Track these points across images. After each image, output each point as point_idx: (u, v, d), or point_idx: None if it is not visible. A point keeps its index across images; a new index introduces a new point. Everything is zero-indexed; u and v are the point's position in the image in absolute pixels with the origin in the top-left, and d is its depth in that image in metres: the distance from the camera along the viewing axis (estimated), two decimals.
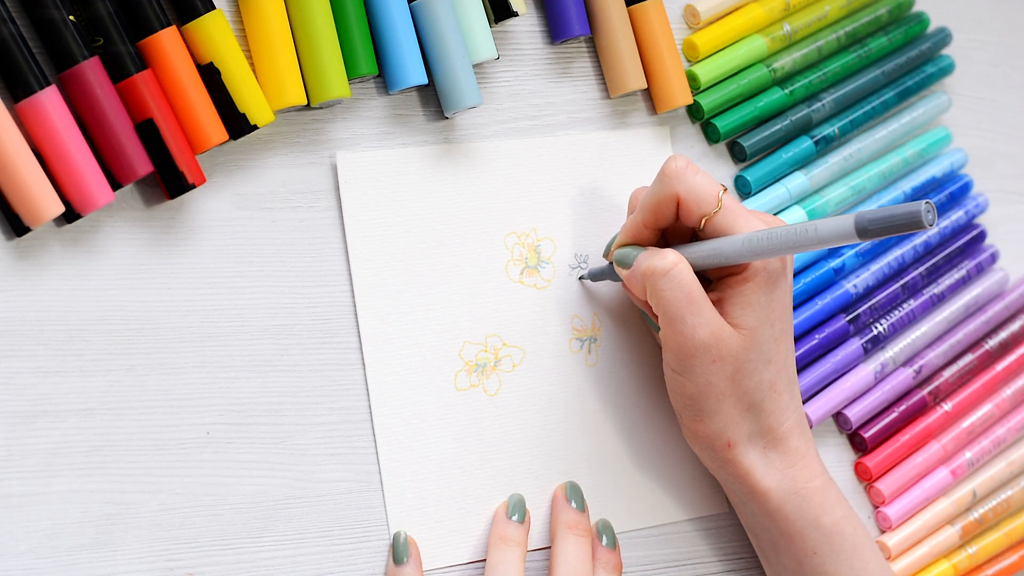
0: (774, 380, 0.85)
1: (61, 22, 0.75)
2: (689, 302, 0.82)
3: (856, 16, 0.99)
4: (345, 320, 0.84)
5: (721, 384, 0.83)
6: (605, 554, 0.87)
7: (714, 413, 0.84)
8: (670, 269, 0.82)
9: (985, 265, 1.02)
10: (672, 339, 0.83)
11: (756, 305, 0.83)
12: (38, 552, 0.75)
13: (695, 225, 0.84)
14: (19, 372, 0.76)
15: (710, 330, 0.82)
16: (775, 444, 0.86)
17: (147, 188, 0.79)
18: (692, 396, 0.84)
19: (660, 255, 0.82)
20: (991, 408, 1.00)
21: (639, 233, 0.85)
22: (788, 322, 0.86)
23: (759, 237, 0.80)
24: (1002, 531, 1.00)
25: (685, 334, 0.82)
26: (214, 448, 0.80)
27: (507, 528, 0.85)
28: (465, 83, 0.85)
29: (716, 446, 0.85)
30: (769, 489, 0.86)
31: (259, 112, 0.80)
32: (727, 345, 0.83)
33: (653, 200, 0.84)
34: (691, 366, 0.83)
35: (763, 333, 0.84)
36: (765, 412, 0.85)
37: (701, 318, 0.82)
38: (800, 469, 0.86)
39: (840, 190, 0.97)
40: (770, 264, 0.84)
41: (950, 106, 1.02)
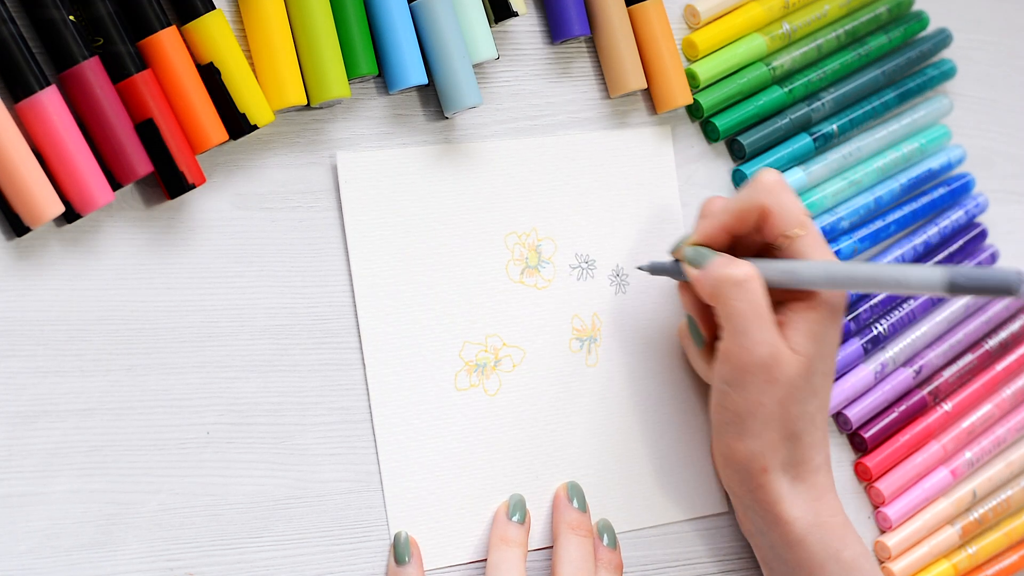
0: (815, 414, 0.85)
1: (61, 22, 0.75)
2: (757, 316, 0.82)
3: (856, 15, 0.99)
4: (345, 320, 0.84)
5: (770, 406, 0.83)
6: (607, 554, 0.87)
7: (756, 435, 0.84)
8: (745, 280, 0.82)
9: (985, 265, 1.02)
10: (733, 351, 0.83)
11: (817, 335, 0.84)
12: (38, 552, 0.75)
13: (774, 241, 0.84)
14: (19, 372, 0.76)
15: (771, 349, 0.82)
16: (804, 476, 0.86)
17: (147, 188, 0.79)
18: (739, 413, 0.84)
19: (736, 263, 0.83)
20: (991, 408, 1.00)
21: (716, 236, 0.85)
22: (834, 360, 0.86)
23: (841, 269, 0.81)
24: (1002, 531, 1.00)
25: (747, 348, 0.82)
26: (214, 448, 0.80)
27: (508, 529, 0.85)
28: (465, 83, 0.85)
29: (752, 468, 0.85)
30: (795, 519, 0.86)
31: (259, 112, 0.80)
32: (784, 368, 0.83)
33: (740, 207, 0.84)
34: (745, 382, 0.83)
35: (817, 364, 0.84)
36: (802, 443, 0.85)
37: (765, 335, 0.82)
38: (824, 504, 0.86)
39: (838, 184, 0.97)
40: (835, 298, 0.84)
41: (951, 110, 1.02)
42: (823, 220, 0.96)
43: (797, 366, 0.83)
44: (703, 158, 0.95)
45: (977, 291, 0.75)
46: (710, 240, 0.86)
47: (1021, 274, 0.74)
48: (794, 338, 0.84)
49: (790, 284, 0.83)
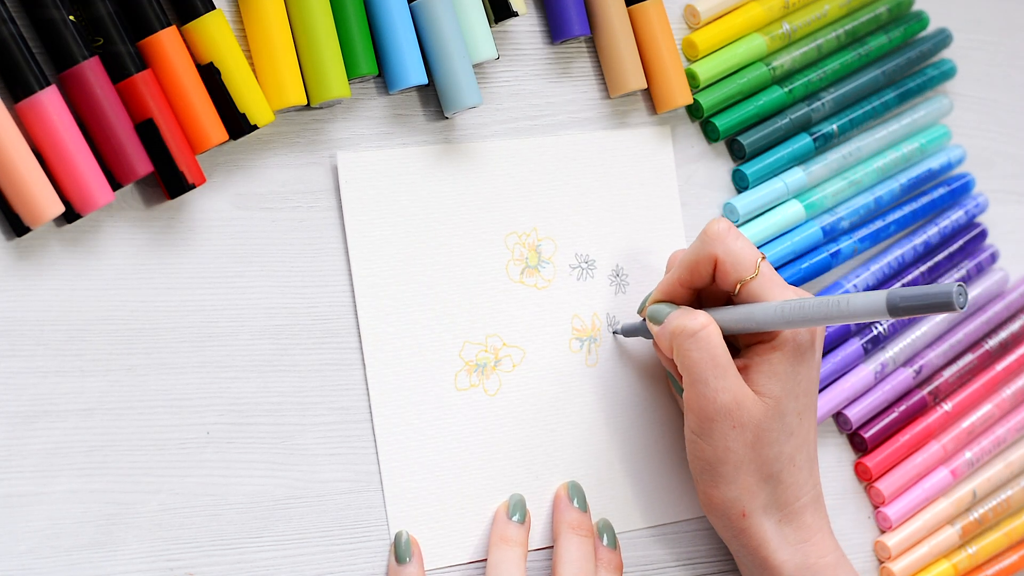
0: (794, 454, 0.85)
1: (61, 22, 0.75)
2: (714, 365, 0.82)
3: (856, 15, 0.99)
4: (345, 320, 0.84)
5: (740, 451, 0.83)
6: (607, 554, 0.87)
7: (730, 480, 0.84)
8: (699, 330, 0.82)
9: (985, 265, 1.02)
10: (694, 401, 0.83)
11: (782, 375, 0.84)
12: (38, 552, 0.75)
13: (730, 289, 0.84)
14: (19, 372, 0.76)
15: (732, 395, 0.82)
16: (790, 518, 0.86)
17: (147, 188, 0.79)
18: (710, 461, 0.84)
19: (691, 315, 0.83)
20: (991, 408, 1.00)
21: (674, 291, 0.86)
22: (813, 398, 0.86)
23: (792, 306, 0.81)
24: (1002, 531, 1.00)
25: (707, 397, 0.82)
26: (214, 448, 0.80)
27: (507, 528, 0.85)
28: (465, 83, 0.85)
29: (731, 514, 0.85)
30: (782, 563, 0.85)
31: (259, 112, 0.80)
32: (749, 412, 0.83)
33: (691, 259, 0.84)
34: (711, 430, 0.83)
35: (787, 404, 0.84)
36: (783, 485, 0.85)
37: (725, 382, 0.82)
38: (813, 545, 0.86)
39: (838, 184, 0.97)
40: (799, 336, 0.84)
41: (951, 110, 1.02)
42: (823, 220, 0.96)
43: (763, 409, 0.83)
44: (703, 158, 0.95)
45: (917, 310, 0.75)
46: (671, 296, 0.86)
47: (960, 288, 0.74)
48: (758, 380, 0.84)
49: (749, 328, 0.83)
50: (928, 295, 0.75)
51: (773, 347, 0.84)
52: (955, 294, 0.74)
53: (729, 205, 0.94)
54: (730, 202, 0.94)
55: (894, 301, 0.76)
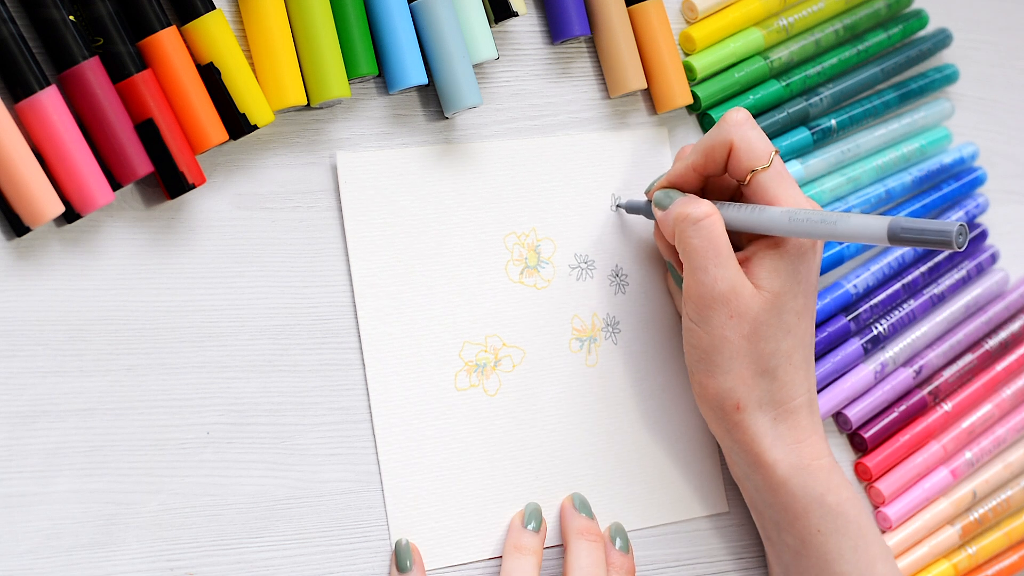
0: (791, 352, 0.85)
1: (61, 22, 0.75)
2: (715, 253, 0.83)
3: (854, 10, 0.99)
4: (345, 320, 0.84)
5: (736, 341, 0.84)
6: (619, 558, 0.87)
7: (726, 370, 0.85)
8: (702, 218, 0.83)
9: (985, 265, 1.02)
10: (693, 288, 0.84)
11: (782, 271, 0.84)
12: (38, 552, 0.75)
13: (741, 177, 0.85)
14: (19, 372, 0.76)
15: (731, 284, 0.83)
16: (785, 416, 0.86)
17: (147, 188, 0.79)
18: (706, 349, 0.85)
19: (696, 203, 0.84)
20: (991, 408, 1.00)
21: (686, 175, 0.86)
22: (812, 299, 0.86)
23: (799, 216, 0.82)
24: (1002, 531, 1.00)
25: (706, 284, 0.83)
26: (214, 448, 0.80)
27: (522, 537, 0.85)
28: (465, 83, 0.85)
29: (725, 406, 0.85)
30: (776, 461, 0.86)
31: (259, 112, 0.80)
32: (746, 302, 0.83)
33: (707, 143, 0.85)
34: (708, 317, 0.84)
35: (785, 301, 0.84)
36: (779, 381, 0.85)
37: (724, 271, 0.83)
38: (808, 446, 0.86)
39: (836, 179, 0.97)
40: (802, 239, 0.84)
41: (952, 113, 1.02)
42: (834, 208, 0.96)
43: (760, 301, 0.84)
44: None
45: (917, 242, 0.77)
46: (681, 182, 0.87)
47: (962, 226, 0.75)
48: (758, 274, 0.84)
49: (752, 228, 0.84)
50: (929, 229, 0.76)
51: (775, 243, 0.84)
52: (955, 232, 0.75)
53: None
54: None
55: (895, 229, 0.77)
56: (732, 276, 0.83)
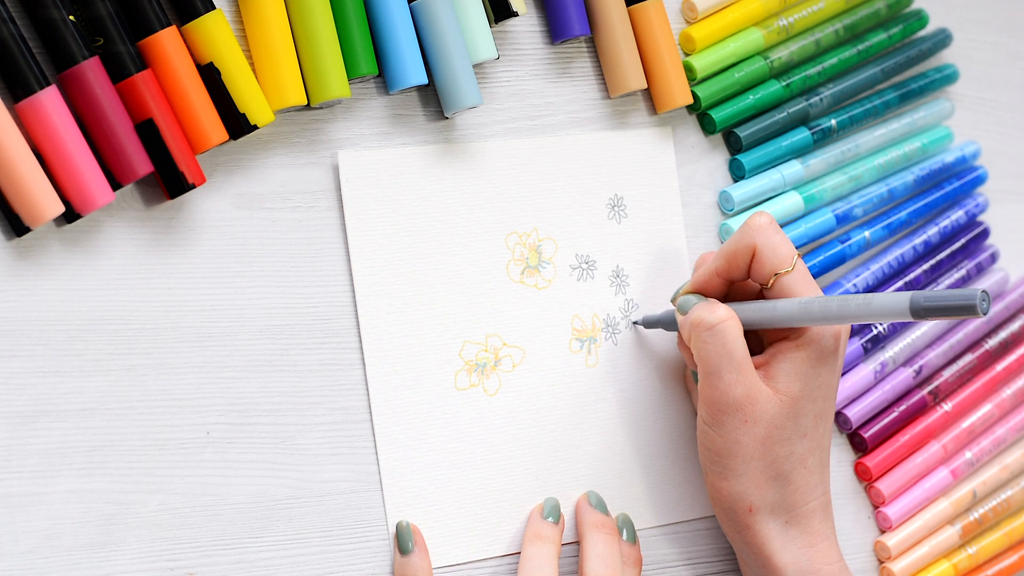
0: (806, 456, 0.85)
1: (61, 22, 0.75)
2: (729, 359, 0.83)
3: (854, 11, 0.99)
4: (345, 320, 0.84)
5: (751, 445, 0.84)
6: (626, 548, 0.87)
7: (740, 474, 0.84)
8: (716, 324, 0.83)
9: (985, 265, 1.02)
10: (708, 392, 0.84)
11: (801, 375, 0.84)
12: (38, 552, 0.75)
13: (764, 281, 0.85)
14: (19, 372, 0.76)
15: (746, 389, 0.83)
16: (796, 521, 0.86)
17: (147, 188, 0.79)
18: (720, 452, 0.84)
19: (712, 308, 0.84)
20: (991, 408, 1.00)
21: (709, 281, 0.87)
22: (831, 403, 0.86)
23: (815, 303, 0.81)
24: (1002, 531, 1.00)
25: (720, 389, 0.83)
26: (214, 448, 0.80)
27: (542, 527, 0.85)
28: (465, 83, 0.85)
29: (737, 509, 0.85)
30: (784, 565, 0.85)
31: (259, 112, 0.80)
32: (762, 407, 0.83)
33: (731, 248, 0.85)
34: (723, 422, 0.83)
35: (803, 405, 0.84)
36: (792, 486, 0.85)
37: (739, 376, 0.83)
38: (819, 551, 0.86)
39: (838, 178, 0.97)
40: (824, 339, 0.84)
41: (953, 113, 1.02)
42: (837, 208, 0.96)
43: (777, 406, 0.83)
44: (703, 156, 0.95)
45: (940, 313, 0.76)
46: (704, 287, 0.87)
47: (984, 295, 0.75)
48: (777, 377, 0.84)
49: (770, 323, 0.84)
50: (952, 300, 0.76)
51: (797, 346, 0.84)
52: (979, 300, 0.75)
53: (725, 194, 0.94)
54: (726, 191, 0.94)
55: (918, 303, 0.77)
56: (747, 381, 0.83)
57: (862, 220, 0.98)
